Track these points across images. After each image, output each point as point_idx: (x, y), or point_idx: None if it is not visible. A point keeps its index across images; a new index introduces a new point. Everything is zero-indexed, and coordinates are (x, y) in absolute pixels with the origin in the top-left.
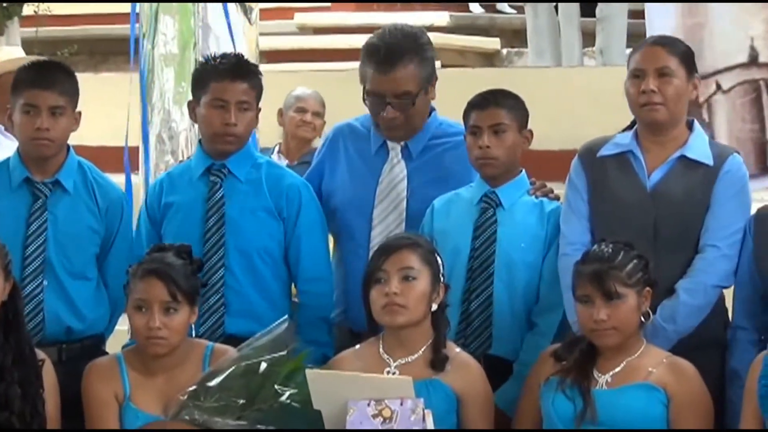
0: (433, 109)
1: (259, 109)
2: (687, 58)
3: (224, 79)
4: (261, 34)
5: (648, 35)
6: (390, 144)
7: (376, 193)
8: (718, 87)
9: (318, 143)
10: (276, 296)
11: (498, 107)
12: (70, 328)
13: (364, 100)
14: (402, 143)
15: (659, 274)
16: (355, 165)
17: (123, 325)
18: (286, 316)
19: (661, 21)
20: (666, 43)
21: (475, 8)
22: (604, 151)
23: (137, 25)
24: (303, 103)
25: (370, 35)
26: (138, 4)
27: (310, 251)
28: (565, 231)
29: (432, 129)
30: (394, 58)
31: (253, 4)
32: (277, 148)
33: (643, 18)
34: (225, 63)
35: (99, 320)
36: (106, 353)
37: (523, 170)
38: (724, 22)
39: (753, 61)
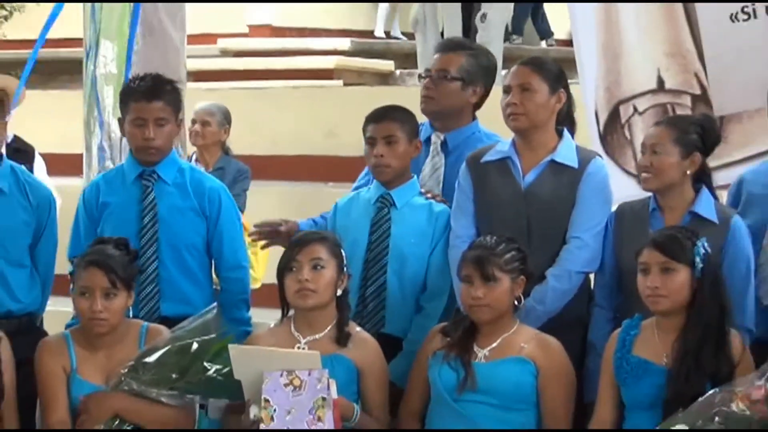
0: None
1: (181, 120)
2: (550, 75)
3: (141, 100)
4: (188, 56)
5: (578, 66)
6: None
7: None
8: (635, 110)
9: (214, 149)
10: (202, 283)
11: (391, 121)
12: (10, 310)
13: None
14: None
15: (533, 263)
16: None
17: (64, 306)
18: (215, 304)
19: (589, 63)
20: (530, 63)
21: (379, 33)
22: (488, 158)
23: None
24: (195, 115)
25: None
26: (83, 32)
27: (230, 244)
28: (454, 226)
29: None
30: None
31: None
32: (194, 157)
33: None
34: (142, 85)
35: (33, 302)
36: (39, 329)
37: (415, 176)
38: (636, 56)
39: (660, 87)
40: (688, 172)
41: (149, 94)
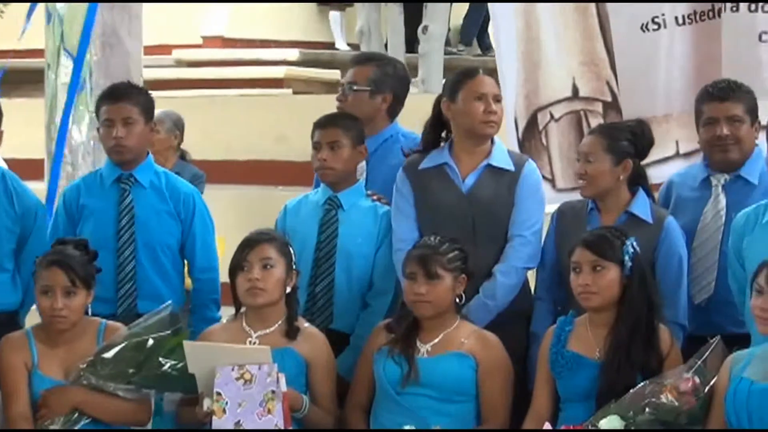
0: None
1: (154, 123)
2: (449, 86)
3: (109, 102)
4: (145, 66)
5: (499, 75)
6: None
7: None
8: (552, 116)
9: (168, 155)
10: (175, 283)
11: (335, 127)
12: None
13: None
14: None
15: (480, 261)
16: None
17: None
18: (169, 302)
19: (510, 72)
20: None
21: (341, 45)
22: (425, 164)
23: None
24: None
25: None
26: (45, 43)
27: (202, 247)
28: (396, 230)
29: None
30: None
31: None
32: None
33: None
34: (111, 88)
35: (15, 302)
36: (20, 327)
37: (361, 179)
38: (554, 66)
39: (575, 95)
40: (621, 177)
41: (116, 95)
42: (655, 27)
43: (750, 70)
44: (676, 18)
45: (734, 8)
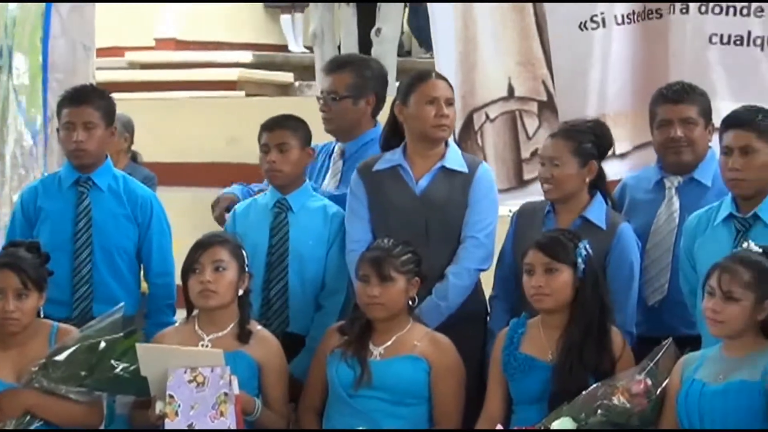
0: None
1: (115, 127)
2: (402, 89)
3: (70, 105)
4: (97, 68)
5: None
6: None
7: None
8: (487, 117)
9: (118, 157)
10: (131, 287)
11: (283, 129)
12: None
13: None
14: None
15: (433, 263)
16: None
17: None
18: (122, 304)
19: (448, 74)
20: (441, 77)
21: (294, 47)
22: (378, 166)
23: None
24: None
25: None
26: None
27: (159, 251)
28: (350, 231)
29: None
30: None
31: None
32: None
33: (410, 56)
34: (71, 92)
35: None
36: None
37: (307, 180)
38: (490, 66)
39: (510, 95)
40: (587, 180)
41: (77, 98)
42: (594, 26)
43: (699, 72)
44: (616, 17)
45: (684, 9)
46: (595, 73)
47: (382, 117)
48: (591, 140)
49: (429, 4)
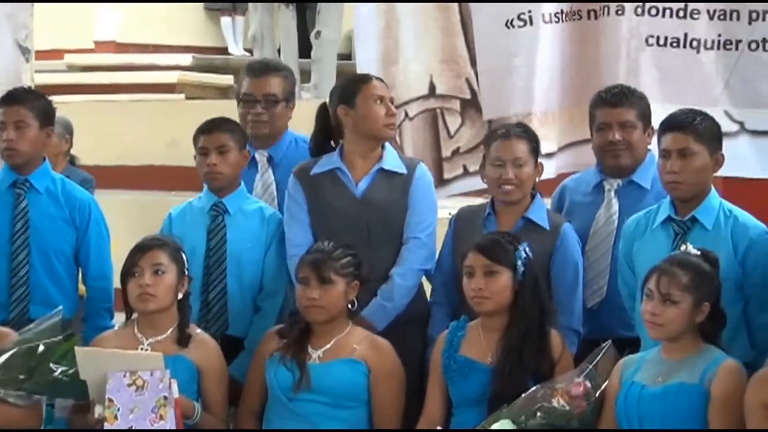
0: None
1: (52, 129)
2: (343, 92)
3: (3, 105)
4: (36, 71)
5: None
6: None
7: None
8: (406, 115)
9: (57, 159)
10: (68, 289)
11: (222, 131)
12: None
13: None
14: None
15: (375, 265)
16: None
17: None
18: (60, 307)
19: (368, 66)
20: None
21: (234, 50)
22: (317, 169)
23: None
24: None
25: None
26: None
27: (97, 254)
28: (290, 235)
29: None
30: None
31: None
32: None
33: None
34: (7, 92)
35: None
36: None
37: (242, 182)
38: (411, 64)
39: (431, 93)
40: (537, 180)
41: (10, 98)
42: (521, 24)
43: (634, 73)
44: (543, 15)
45: (619, 11)
46: (521, 71)
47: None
48: (537, 141)
49: (355, 6)
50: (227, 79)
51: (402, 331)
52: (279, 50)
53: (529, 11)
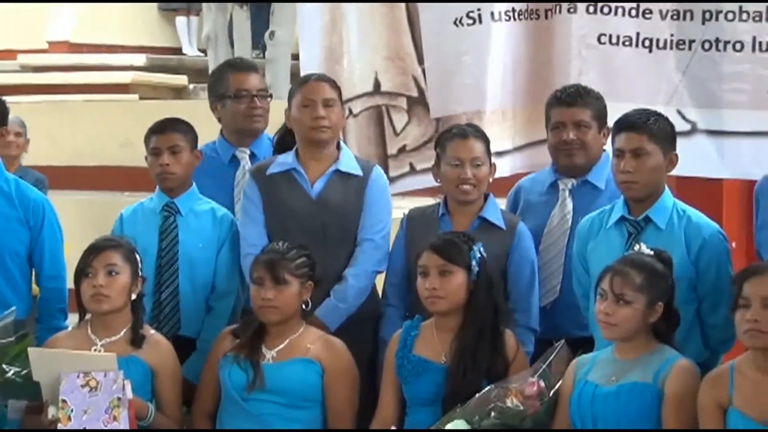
0: None
1: (6, 129)
2: (289, 94)
3: None
4: None
5: (301, 72)
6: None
7: None
8: (350, 112)
9: (12, 159)
10: (22, 290)
11: (174, 131)
12: None
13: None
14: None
15: (330, 265)
16: None
17: None
18: (13, 308)
19: (311, 63)
20: (322, 79)
21: (188, 50)
22: (272, 170)
23: None
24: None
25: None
26: None
27: (50, 255)
28: (245, 235)
29: None
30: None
31: None
32: None
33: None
34: None
35: None
36: None
37: (194, 183)
38: (355, 61)
39: (376, 90)
40: (491, 180)
41: None
42: (470, 22)
43: (586, 72)
44: (492, 14)
45: (571, 9)
46: (471, 69)
47: None
48: (488, 141)
49: (298, 4)
50: (181, 80)
51: (353, 331)
52: (233, 50)
53: (478, 9)
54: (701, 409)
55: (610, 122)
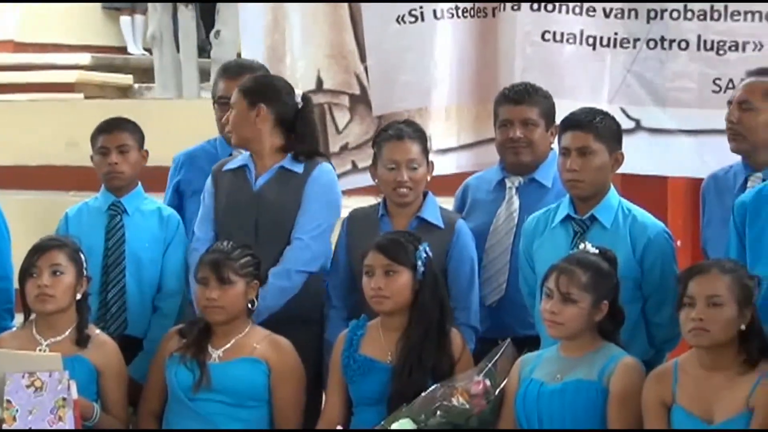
0: None
1: None
2: (249, 92)
3: None
4: None
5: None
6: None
7: None
8: None
9: None
10: None
11: (122, 131)
12: None
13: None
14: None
15: (262, 262)
16: None
17: None
18: None
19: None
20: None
21: (134, 50)
22: (229, 166)
23: None
24: None
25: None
26: None
27: None
28: (196, 229)
29: None
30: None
31: None
32: None
33: None
34: None
35: None
36: None
37: (140, 183)
38: (298, 58)
39: (319, 87)
40: (429, 178)
41: None
42: (412, 20)
43: (531, 69)
44: (435, 12)
45: (515, 7)
46: (413, 67)
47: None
48: (426, 138)
49: (240, 4)
50: (127, 79)
51: (297, 332)
52: (178, 49)
53: (421, 7)
54: (645, 407)
55: (557, 120)
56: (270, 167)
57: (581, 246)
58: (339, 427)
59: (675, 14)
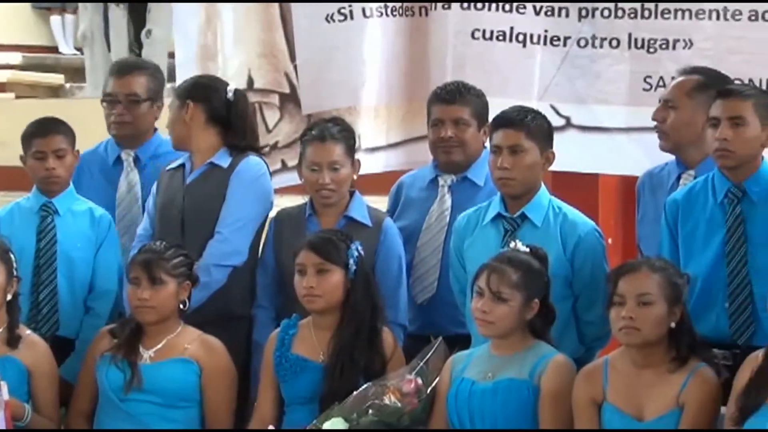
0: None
1: None
2: (178, 92)
3: None
4: None
5: (177, 71)
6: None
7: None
8: None
9: None
10: None
11: (57, 134)
12: None
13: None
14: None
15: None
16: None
17: None
18: None
19: (187, 70)
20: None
21: (65, 49)
22: (171, 166)
23: None
24: None
25: None
26: None
27: None
28: (139, 229)
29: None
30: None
31: None
32: None
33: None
34: None
35: None
36: None
37: (72, 184)
38: (230, 58)
39: (250, 87)
40: (355, 177)
41: None
42: (341, 18)
43: (461, 68)
44: (364, 10)
45: (445, 5)
46: (343, 65)
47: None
48: (353, 137)
49: (173, 4)
50: (58, 78)
51: (226, 330)
52: (109, 48)
53: (350, 6)
54: (575, 404)
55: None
56: (202, 162)
57: (512, 244)
58: (271, 427)
59: (606, 12)
